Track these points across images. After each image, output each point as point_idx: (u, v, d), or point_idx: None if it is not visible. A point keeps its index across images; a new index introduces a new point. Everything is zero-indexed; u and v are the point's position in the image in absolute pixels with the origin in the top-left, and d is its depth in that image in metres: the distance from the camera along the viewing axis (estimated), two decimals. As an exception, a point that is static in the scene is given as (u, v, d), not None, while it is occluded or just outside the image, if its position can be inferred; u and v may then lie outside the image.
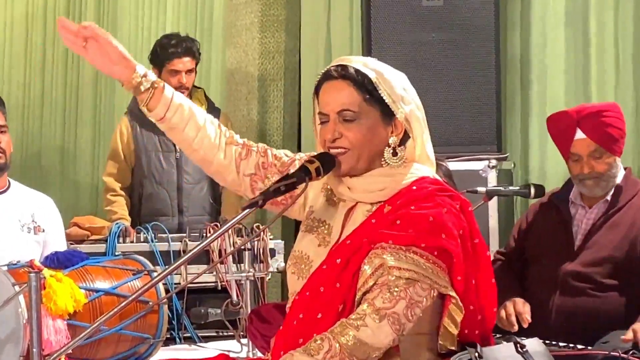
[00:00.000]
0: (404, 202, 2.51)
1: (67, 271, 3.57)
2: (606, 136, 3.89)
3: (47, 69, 7.56)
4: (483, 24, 5.14)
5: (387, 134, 2.58)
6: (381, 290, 2.42)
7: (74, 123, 7.27)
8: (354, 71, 2.56)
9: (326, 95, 2.60)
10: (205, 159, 2.77)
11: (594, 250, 3.91)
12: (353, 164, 2.57)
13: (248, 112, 6.29)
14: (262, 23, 6.24)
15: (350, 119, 2.56)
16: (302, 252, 2.65)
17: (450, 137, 5.03)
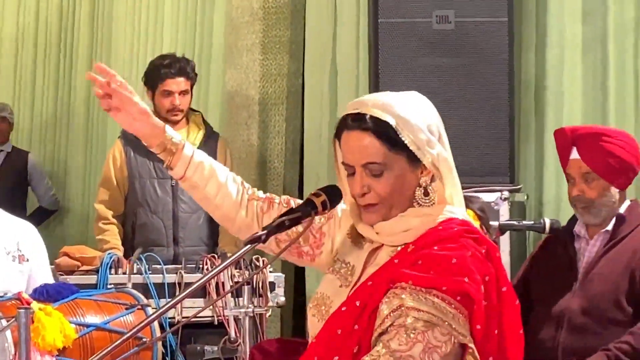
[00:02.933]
0: (429, 242, 2.50)
1: (57, 305, 3.57)
2: (602, 162, 3.90)
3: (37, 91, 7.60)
4: (496, 48, 5.15)
5: (417, 176, 2.57)
6: (398, 332, 2.40)
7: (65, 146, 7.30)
8: (370, 120, 2.54)
9: (347, 147, 2.58)
10: (227, 217, 2.77)
11: (596, 283, 3.91)
12: (385, 215, 2.57)
13: (248, 137, 6.29)
14: (264, 44, 6.26)
15: (377, 173, 2.55)
16: (323, 293, 2.64)
17: (460, 168, 4.86)
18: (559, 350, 3.88)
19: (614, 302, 3.86)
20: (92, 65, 7.35)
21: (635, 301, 3.84)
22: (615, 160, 3.90)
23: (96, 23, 7.38)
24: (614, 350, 3.70)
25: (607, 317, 3.86)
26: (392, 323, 2.42)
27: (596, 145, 3.91)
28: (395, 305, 2.42)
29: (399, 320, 2.41)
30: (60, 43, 7.58)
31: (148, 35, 6.96)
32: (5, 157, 6.89)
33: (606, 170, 3.90)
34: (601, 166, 3.89)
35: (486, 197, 4.88)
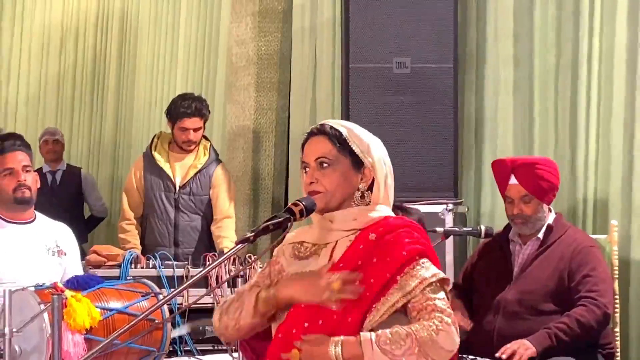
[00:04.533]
0: (387, 229, 2.54)
1: (85, 292, 3.53)
2: (536, 185, 3.91)
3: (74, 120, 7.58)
4: (443, 89, 5.14)
5: (358, 181, 2.61)
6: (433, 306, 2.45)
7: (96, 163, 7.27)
8: (329, 128, 2.63)
9: (307, 148, 2.65)
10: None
11: (528, 280, 3.90)
12: (327, 203, 2.59)
13: (244, 159, 6.28)
14: (257, 84, 6.26)
15: (325, 166, 2.59)
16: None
17: (415, 185, 5.04)
18: (495, 332, 3.85)
19: (543, 297, 3.85)
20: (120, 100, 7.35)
21: (560, 296, 3.83)
22: (545, 183, 3.92)
23: (123, 65, 7.38)
24: (553, 329, 3.69)
25: (536, 308, 3.85)
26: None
27: (531, 172, 3.92)
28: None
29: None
30: (94, 82, 7.57)
31: (164, 75, 6.96)
32: (62, 174, 6.81)
33: (539, 192, 3.91)
34: (535, 189, 3.91)
35: (434, 208, 4.89)
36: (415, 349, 2.37)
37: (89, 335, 3.39)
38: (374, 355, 2.38)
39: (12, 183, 3.90)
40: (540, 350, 3.64)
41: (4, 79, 7.77)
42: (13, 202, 3.91)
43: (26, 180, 3.91)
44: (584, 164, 4.91)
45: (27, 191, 3.92)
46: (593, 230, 4.74)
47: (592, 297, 3.75)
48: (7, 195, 3.91)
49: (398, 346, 2.38)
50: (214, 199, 5.30)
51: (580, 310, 3.73)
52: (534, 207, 3.92)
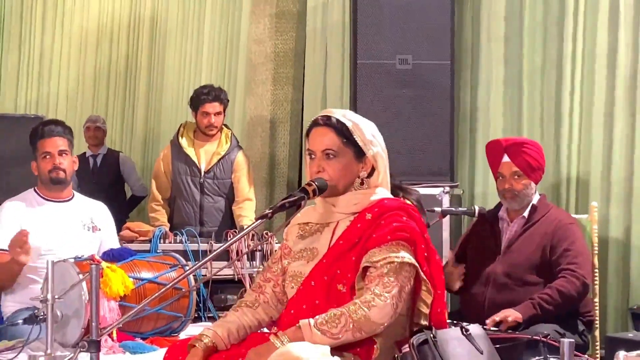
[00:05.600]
0: (383, 210, 2.53)
1: (120, 264, 3.54)
2: (525, 162, 3.89)
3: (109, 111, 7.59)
4: (441, 84, 5.12)
5: (359, 169, 2.60)
6: (380, 280, 2.42)
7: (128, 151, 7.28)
8: (335, 121, 2.58)
9: (313, 137, 2.61)
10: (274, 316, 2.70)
11: (515, 254, 3.88)
12: (332, 190, 2.59)
13: (262, 147, 6.27)
14: (274, 78, 6.24)
15: (331, 158, 2.57)
16: (294, 271, 2.61)
17: (414, 169, 5.02)
18: (485, 302, 3.83)
19: (528, 269, 3.83)
20: (150, 94, 7.34)
21: (543, 269, 3.81)
22: (532, 160, 3.90)
23: (153, 63, 7.38)
24: (537, 299, 3.67)
25: (522, 279, 3.82)
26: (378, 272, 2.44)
27: (521, 150, 3.90)
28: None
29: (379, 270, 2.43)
30: (126, 79, 7.56)
31: (190, 72, 6.95)
32: (103, 158, 6.80)
33: (528, 169, 3.89)
34: (525, 166, 3.88)
35: (432, 191, 4.87)
36: (350, 325, 2.37)
37: (123, 302, 3.40)
38: (314, 335, 2.36)
39: (49, 165, 3.91)
40: (525, 318, 3.62)
41: (46, 76, 7.78)
42: (49, 182, 3.92)
43: (61, 163, 3.92)
44: (567, 152, 4.90)
45: (62, 172, 3.92)
46: (575, 211, 4.74)
47: (571, 269, 3.73)
48: (45, 175, 3.92)
49: (334, 325, 2.37)
50: (235, 182, 5.29)
51: (561, 282, 3.71)
52: (523, 184, 3.90)
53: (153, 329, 3.58)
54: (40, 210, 3.91)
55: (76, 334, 3.27)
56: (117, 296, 3.38)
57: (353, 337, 2.38)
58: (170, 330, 3.63)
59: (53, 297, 3.12)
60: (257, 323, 2.63)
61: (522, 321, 3.60)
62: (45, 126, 4.00)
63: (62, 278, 3.32)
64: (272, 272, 2.68)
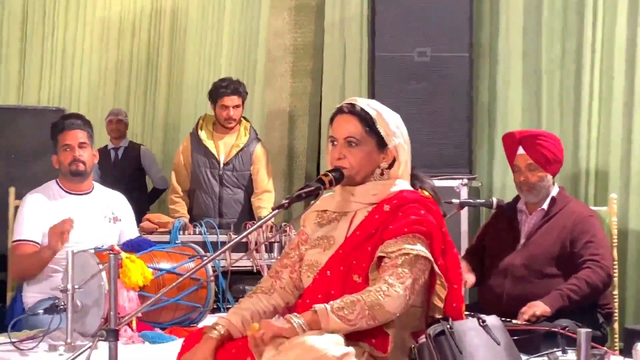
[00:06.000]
0: (401, 203, 2.51)
1: (139, 254, 3.52)
2: (539, 155, 3.84)
3: (130, 104, 7.60)
4: (460, 77, 5.11)
5: (380, 160, 2.58)
6: (394, 271, 2.41)
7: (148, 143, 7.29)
8: (360, 109, 2.56)
9: (337, 124, 2.58)
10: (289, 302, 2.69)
11: (534, 247, 3.85)
12: (350, 178, 2.56)
13: (281, 139, 6.27)
14: (293, 71, 6.23)
15: (353, 146, 2.54)
16: (311, 260, 2.59)
17: (433, 161, 5.00)
18: (504, 294, 3.81)
19: (547, 262, 3.80)
20: (170, 86, 7.35)
21: (562, 261, 3.78)
22: (547, 152, 3.85)
23: (173, 55, 7.38)
24: (565, 290, 3.64)
25: (540, 272, 3.79)
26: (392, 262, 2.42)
27: (536, 143, 3.85)
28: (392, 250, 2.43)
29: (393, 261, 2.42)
30: (147, 72, 7.57)
31: (210, 65, 6.94)
32: (124, 151, 6.81)
33: (543, 162, 3.85)
34: (539, 158, 3.84)
35: (450, 183, 4.85)
36: (365, 312, 2.35)
37: (142, 292, 3.38)
38: (330, 321, 2.33)
39: (69, 157, 3.92)
40: (553, 310, 3.59)
41: (69, 69, 7.80)
42: (69, 174, 3.93)
43: (81, 155, 3.93)
44: (586, 144, 4.88)
45: (82, 165, 3.93)
46: (594, 203, 4.71)
47: (596, 259, 3.71)
48: (65, 168, 3.93)
49: (350, 311, 2.34)
50: (254, 174, 5.29)
51: (587, 272, 3.68)
52: (539, 176, 3.86)
53: (172, 319, 3.57)
54: (62, 202, 3.92)
55: (96, 324, 3.26)
56: (136, 286, 3.37)
57: (367, 325, 2.36)
58: (188, 320, 3.63)
59: (73, 287, 3.14)
60: (272, 309, 2.62)
61: (551, 314, 3.57)
62: (65, 120, 4.01)
63: (82, 268, 3.33)
64: (290, 259, 2.67)
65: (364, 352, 2.38)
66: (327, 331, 2.33)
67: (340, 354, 2.26)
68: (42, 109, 6.12)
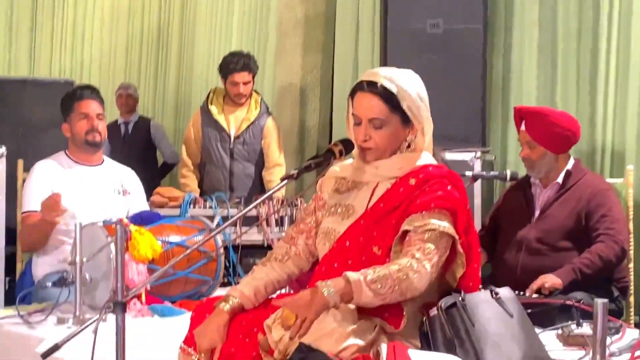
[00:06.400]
0: (427, 177, 2.45)
1: (148, 227, 3.50)
2: (540, 133, 3.76)
3: (141, 79, 7.56)
4: (473, 49, 5.04)
5: (406, 134, 2.51)
6: (421, 246, 2.36)
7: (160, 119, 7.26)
8: (382, 88, 2.47)
9: (359, 103, 2.51)
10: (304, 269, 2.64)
11: (549, 220, 3.79)
12: (378, 157, 2.51)
13: (292, 114, 6.22)
14: (304, 45, 6.17)
15: (378, 126, 2.48)
16: (328, 227, 2.53)
17: (447, 135, 4.92)
18: (518, 267, 3.75)
19: (562, 235, 3.74)
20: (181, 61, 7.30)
21: (577, 235, 3.72)
22: (554, 134, 3.76)
23: (184, 30, 7.32)
24: (577, 264, 3.59)
25: (554, 245, 3.73)
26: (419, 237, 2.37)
27: (539, 121, 3.77)
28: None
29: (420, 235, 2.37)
30: (158, 46, 7.52)
31: (221, 39, 6.88)
32: (134, 125, 6.77)
33: (543, 140, 3.76)
34: (539, 137, 3.76)
35: (464, 156, 4.80)
36: (395, 287, 2.30)
37: (152, 265, 3.37)
38: (363, 294, 2.28)
39: (86, 126, 3.88)
40: (566, 284, 3.54)
41: (79, 44, 7.76)
42: (84, 144, 3.90)
43: (98, 126, 3.89)
44: (603, 116, 4.81)
45: (98, 136, 3.90)
46: (610, 175, 4.66)
47: (610, 234, 3.65)
48: (80, 137, 3.89)
49: (383, 285, 2.29)
50: (265, 148, 5.25)
51: (600, 246, 3.63)
52: (538, 153, 3.78)
53: (182, 292, 3.55)
54: (72, 173, 3.89)
55: (105, 297, 3.24)
56: (146, 259, 3.35)
57: (394, 299, 2.32)
58: (198, 294, 3.61)
59: (81, 260, 3.12)
60: (285, 277, 2.57)
61: (562, 287, 3.52)
62: (83, 89, 3.99)
63: (92, 241, 3.31)
64: (306, 224, 2.62)
65: (375, 326, 2.34)
66: (358, 304, 2.29)
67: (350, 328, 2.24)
68: (51, 81, 6.08)
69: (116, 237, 2.33)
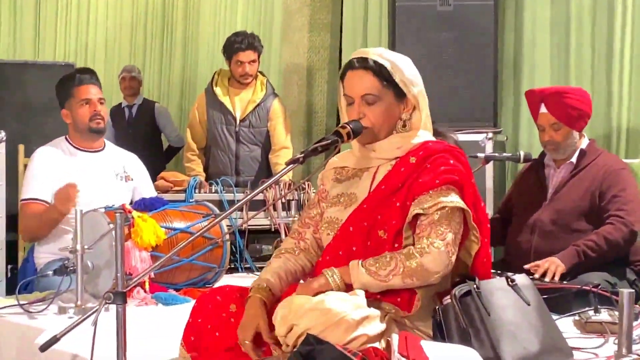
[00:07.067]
0: (427, 154, 2.37)
1: (151, 213, 3.41)
2: (564, 113, 3.66)
3: (146, 61, 7.49)
4: (484, 26, 4.93)
5: (400, 111, 2.43)
6: (432, 228, 2.27)
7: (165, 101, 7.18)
8: (373, 62, 2.39)
9: (351, 82, 2.42)
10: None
11: (562, 201, 3.69)
12: (374, 137, 2.42)
13: (299, 95, 6.11)
14: (311, 25, 6.06)
15: (371, 102, 2.39)
16: (331, 217, 2.44)
17: (457, 115, 4.85)
18: (531, 250, 3.65)
19: (576, 216, 3.64)
20: (186, 42, 7.20)
21: (593, 215, 3.62)
22: (573, 110, 3.66)
23: (189, 11, 7.23)
24: (582, 246, 3.49)
25: (569, 227, 3.64)
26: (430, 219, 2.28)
27: (559, 101, 3.67)
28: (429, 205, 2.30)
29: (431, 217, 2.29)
30: (163, 28, 7.43)
31: (226, 19, 6.80)
32: (138, 108, 6.67)
33: (568, 119, 3.66)
34: (564, 116, 3.66)
35: (475, 137, 4.70)
36: (400, 269, 2.22)
37: (155, 252, 3.28)
38: (360, 275, 2.23)
39: (89, 112, 3.78)
40: (568, 266, 3.44)
41: (84, 25, 7.70)
42: (88, 131, 3.80)
43: (101, 111, 3.79)
44: (619, 95, 4.71)
45: (101, 121, 3.80)
46: (626, 155, 4.56)
47: (619, 215, 3.55)
48: (83, 124, 3.79)
49: (382, 267, 2.22)
50: (271, 130, 5.15)
51: (608, 228, 3.53)
52: (564, 134, 3.69)
53: (186, 280, 3.47)
54: (74, 160, 3.80)
55: (108, 285, 3.14)
56: (149, 246, 3.26)
57: (403, 282, 2.23)
58: (204, 281, 3.52)
59: (82, 248, 3.02)
60: (300, 269, 2.48)
61: (566, 270, 3.42)
62: (82, 73, 3.87)
63: (94, 228, 3.21)
64: (311, 217, 2.53)
65: (385, 315, 2.25)
66: (358, 286, 2.22)
67: (359, 317, 2.12)
68: (51, 64, 5.98)
69: (115, 226, 2.23)
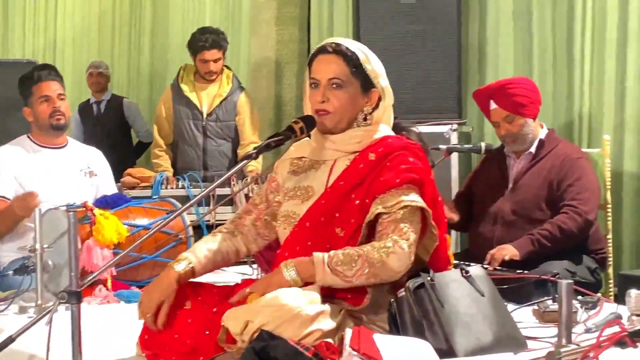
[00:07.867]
0: (387, 150, 2.35)
1: (114, 210, 3.39)
2: (512, 103, 3.66)
3: (115, 56, 7.45)
4: (448, 19, 4.92)
5: (363, 104, 2.41)
6: (396, 226, 2.27)
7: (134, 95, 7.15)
8: (345, 48, 2.38)
9: (319, 65, 2.40)
10: (244, 254, 2.55)
11: (522, 191, 3.70)
12: (335, 124, 2.40)
13: (267, 88, 6.10)
14: (278, 18, 6.05)
15: (337, 86, 2.37)
16: (288, 211, 2.43)
17: (421, 107, 4.85)
18: (494, 240, 3.65)
19: (536, 205, 3.65)
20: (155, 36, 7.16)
21: (552, 204, 3.63)
22: (522, 98, 3.66)
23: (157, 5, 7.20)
24: (536, 234, 3.51)
25: (530, 217, 3.64)
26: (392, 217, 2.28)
27: (505, 93, 3.67)
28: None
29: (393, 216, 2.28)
30: (131, 21, 7.39)
31: (195, 13, 6.77)
32: (107, 104, 6.62)
33: (518, 108, 3.67)
34: (514, 106, 3.66)
35: (440, 128, 4.70)
36: (365, 270, 2.22)
37: (117, 250, 3.26)
38: (326, 275, 2.22)
39: (48, 109, 3.75)
40: (523, 254, 3.46)
41: (52, 22, 7.65)
42: (49, 128, 3.77)
43: (61, 107, 3.76)
44: (580, 84, 4.72)
45: (62, 117, 3.77)
46: (588, 145, 4.58)
47: (574, 205, 3.56)
48: (44, 121, 3.76)
49: (349, 267, 2.21)
50: (239, 125, 5.13)
51: (562, 217, 3.55)
52: (519, 124, 3.69)
53: (150, 277, 3.43)
54: (37, 157, 3.77)
55: (70, 283, 3.13)
56: (111, 244, 3.25)
57: (367, 282, 2.24)
58: (168, 277, 3.49)
59: (42, 247, 3.00)
60: (235, 250, 2.48)
61: (520, 258, 3.44)
62: (40, 70, 3.84)
63: (55, 227, 3.19)
64: (254, 205, 2.53)
65: (341, 310, 2.25)
66: (322, 284, 2.22)
67: (314, 313, 2.12)
68: (13, 62, 5.95)
69: (69, 225, 2.22)
